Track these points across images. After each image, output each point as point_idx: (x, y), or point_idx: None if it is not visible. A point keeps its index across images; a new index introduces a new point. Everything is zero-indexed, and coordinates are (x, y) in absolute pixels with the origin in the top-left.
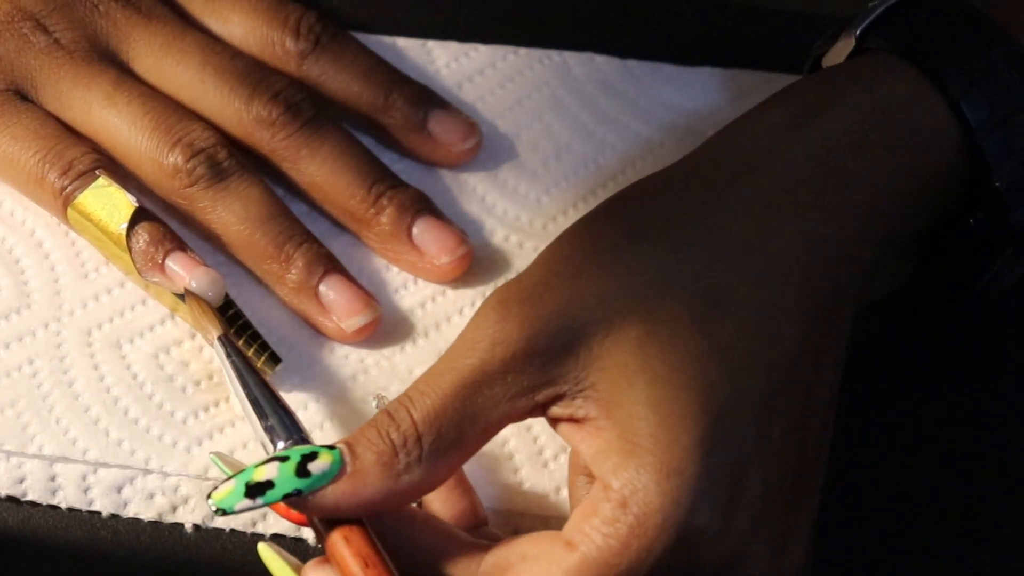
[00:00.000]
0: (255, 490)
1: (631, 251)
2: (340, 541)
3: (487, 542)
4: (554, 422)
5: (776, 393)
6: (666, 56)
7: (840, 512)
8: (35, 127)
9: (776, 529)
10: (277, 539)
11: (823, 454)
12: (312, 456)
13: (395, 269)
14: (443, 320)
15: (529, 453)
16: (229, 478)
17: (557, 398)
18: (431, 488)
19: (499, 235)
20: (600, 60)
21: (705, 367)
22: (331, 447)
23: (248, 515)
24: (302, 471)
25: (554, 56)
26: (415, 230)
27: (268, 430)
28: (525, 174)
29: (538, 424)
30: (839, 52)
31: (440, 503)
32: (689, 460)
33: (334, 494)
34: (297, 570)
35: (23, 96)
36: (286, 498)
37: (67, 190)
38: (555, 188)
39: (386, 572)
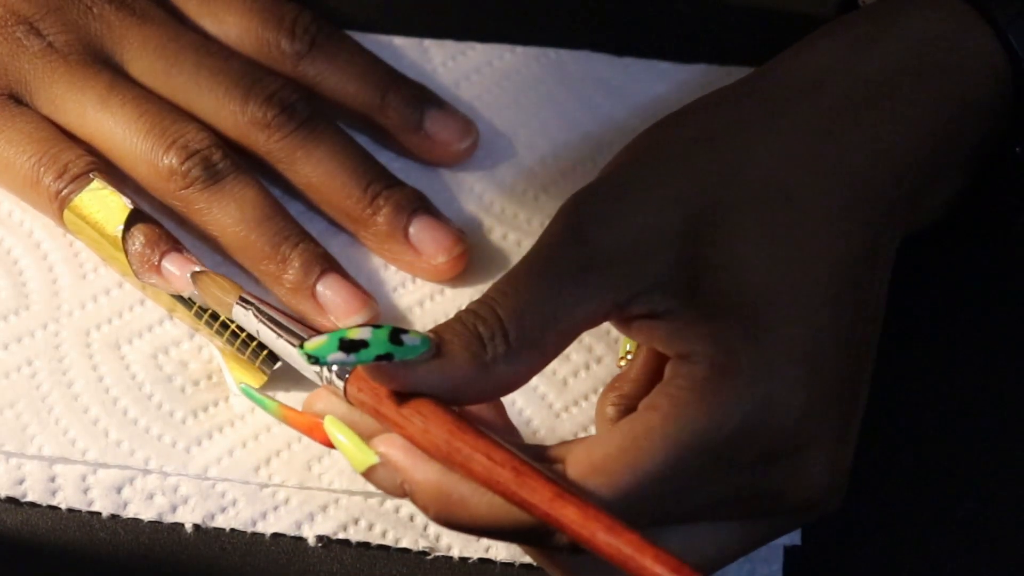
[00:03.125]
0: (349, 346)
1: (702, 153)
2: (427, 403)
3: (541, 445)
4: (627, 321)
5: (843, 283)
6: (663, 55)
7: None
8: (30, 131)
9: (839, 422)
10: (277, 538)
11: (870, 365)
12: (403, 331)
13: (393, 268)
14: (442, 318)
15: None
16: (320, 335)
17: (637, 296)
18: (513, 387)
19: (497, 233)
20: (596, 58)
21: (780, 253)
22: (418, 332)
23: (248, 515)
24: (395, 339)
25: (550, 54)
26: (412, 230)
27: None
28: (522, 172)
29: (537, 419)
30: None
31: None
32: (773, 327)
33: (424, 369)
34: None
35: (18, 100)
36: (378, 359)
37: (63, 193)
38: (552, 186)
39: (476, 427)
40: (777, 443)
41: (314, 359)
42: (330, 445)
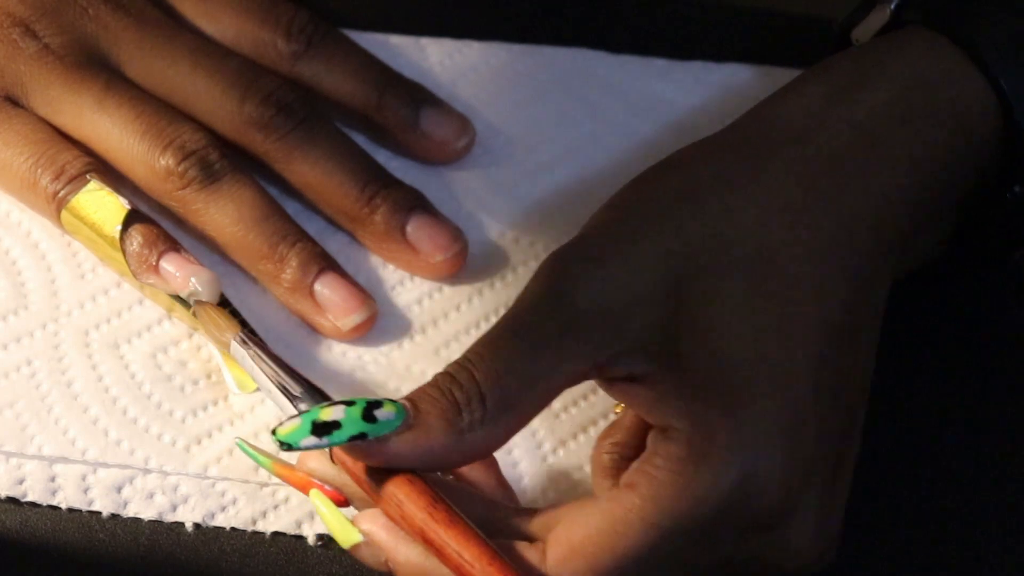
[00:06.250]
0: (322, 429)
1: (685, 210)
2: (404, 483)
3: (531, 508)
4: (609, 382)
5: (827, 344)
6: (660, 53)
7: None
8: (27, 132)
9: (825, 483)
10: (277, 537)
11: (860, 420)
12: (377, 404)
13: (391, 266)
14: (440, 316)
15: (528, 448)
16: (292, 417)
17: (616, 357)
18: (490, 450)
19: (495, 231)
20: (593, 55)
21: (761, 318)
22: (393, 401)
23: (248, 513)
24: (368, 416)
25: (547, 51)
26: (409, 228)
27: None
28: (519, 170)
29: (537, 419)
30: (871, 24)
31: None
32: (750, 400)
33: (398, 443)
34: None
35: (14, 102)
36: (351, 440)
37: (60, 194)
38: (550, 183)
39: (452, 510)
40: (759, 517)
41: (287, 446)
42: (302, 489)
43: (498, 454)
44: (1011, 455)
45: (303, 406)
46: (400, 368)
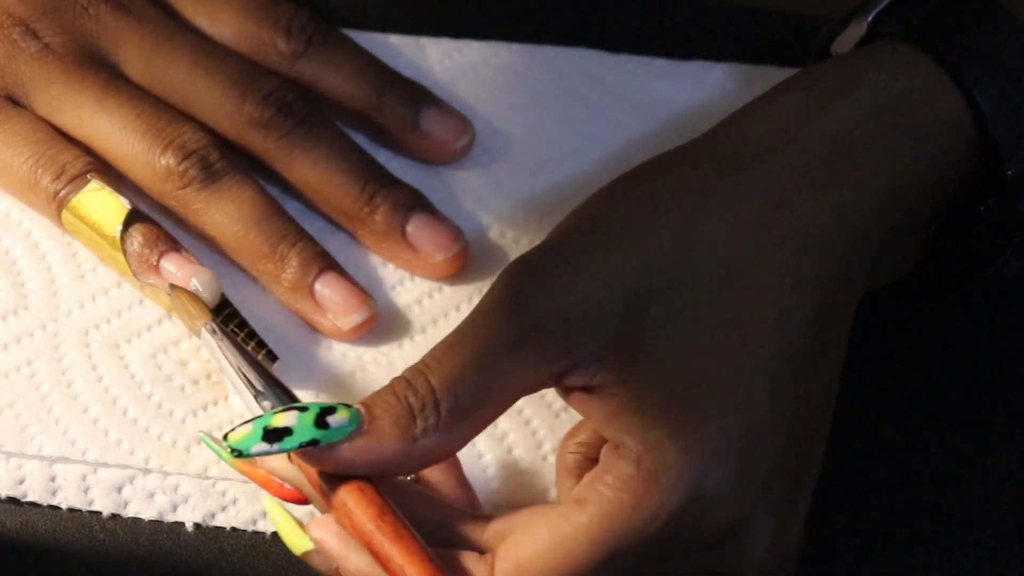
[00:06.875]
0: (273, 435)
1: (650, 224)
2: (354, 492)
3: (487, 514)
4: (566, 391)
5: (788, 363)
6: (659, 53)
7: (831, 507)
8: (27, 132)
9: (781, 501)
10: (277, 537)
11: (823, 433)
12: (330, 410)
13: (391, 266)
14: (440, 316)
15: (527, 448)
16: (246, 422)
17: (573, 367)
18: (444, 456)
19: (495, 231)
20: (592, 55)
21: (721, 335)
22: (348, 405)
23: (248, 513)
24: (320, 422)
25: (547, 51)
26: (409, 228)
27: (263, 407)
28: (519, 169)
29: (536, 418)
30: (849, 38)
31: (438, 494)
32: (703, 420)
33: (350, 449)
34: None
35: (15, 102)
36: (302, 447)
37: (60, 194)
38: (549, 183)
39: (400, 522)
40: (707, 537)
41: (237, 452)
42: (284, 498)
43: (498, 455)
44: (989, 462)
45: (265, 402)
46: (400, 368)
